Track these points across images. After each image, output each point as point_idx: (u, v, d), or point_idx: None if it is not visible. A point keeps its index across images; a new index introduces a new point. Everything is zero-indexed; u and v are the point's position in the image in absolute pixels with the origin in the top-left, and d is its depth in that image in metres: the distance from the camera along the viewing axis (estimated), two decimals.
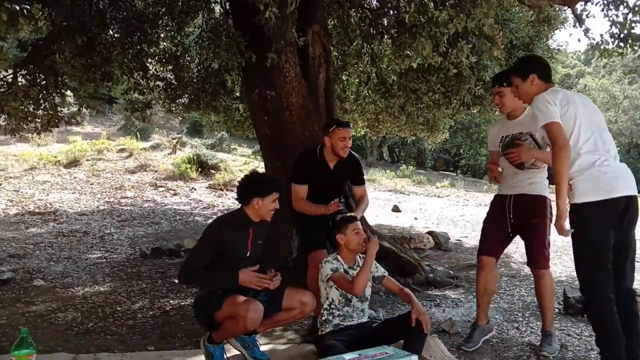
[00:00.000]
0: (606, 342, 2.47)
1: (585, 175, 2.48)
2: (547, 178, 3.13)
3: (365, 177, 3.70)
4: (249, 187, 2.80)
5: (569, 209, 2.52)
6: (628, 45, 3.73)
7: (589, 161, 2.49)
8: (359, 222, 2.95)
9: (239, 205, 2.86)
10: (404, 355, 2.46)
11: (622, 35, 3.70)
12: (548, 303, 3.15)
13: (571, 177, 2.51)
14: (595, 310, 2.51)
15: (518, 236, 3.22)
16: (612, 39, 3.78)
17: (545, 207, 3.10)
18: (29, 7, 3.18)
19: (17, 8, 3.00)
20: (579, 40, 8.65)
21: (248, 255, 2.82)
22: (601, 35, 3.88)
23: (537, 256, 3.11)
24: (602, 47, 3.88)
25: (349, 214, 3.10)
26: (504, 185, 3.21)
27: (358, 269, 2.89)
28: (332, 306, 2.85)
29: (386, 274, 3.01)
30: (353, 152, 3.44)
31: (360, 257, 2.96)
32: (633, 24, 3.63)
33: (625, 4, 3.63)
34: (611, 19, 3.70)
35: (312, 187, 3.38)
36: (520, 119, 3.13)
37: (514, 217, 3.12)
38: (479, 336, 3.19)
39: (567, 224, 2.46)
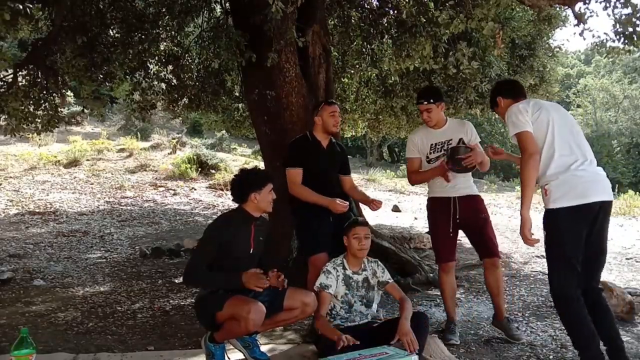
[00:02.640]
0: (582, 342, 2.50)
1: (560, 179, 2.50)
2: None
3: (365, 177, 3.71)
4: (243, 184, 2.81)
5: (543, 214, 2.58)
6: (633, 44, 3.71)
7: (565, 164, 2.52)
8: (362, 228, 2.91)
9: (237, 205, 2.87)
10: (404, 355, 2.47)
11: (627, 33, 3.67)
12: (502, 291, 3.37)
13: (546, 181, 2.55)
14: (567, 312, 2.55)
15: (518, 237, 3.28)
16: (617, 37, 3.76)
17: (484, 203, 3.43)
18: (31, 6, 3.17)
19: (20, 7, 3.00)
20: (584, 39, 8.66)
21: (251, 252, 2.82)
22: (606, 33, 3.85)
23: (493, 246, 3.32)
24: (607, 44, 3.86)
25: (360, 218, 3.11)
26: (441, 188, 3.36)
27: (363, 274, 2.90)
28: (334, 312, 2.85)
29: (391, 280, 2.97)
30: (341, 144, 3.56)
31: (367, 260, 2.95)
32: (638, 21, 3.60)
33: (629, 3, 3.59)
34: (615, 17, 3.68)
35: (309, 171, 3.33)
36: (444, 128, 3.38)
37: (460, 216, 3.30)
38: (458, 330, 3.34)
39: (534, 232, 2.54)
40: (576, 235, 2.48)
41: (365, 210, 4.47)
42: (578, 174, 2.49)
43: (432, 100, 3.29)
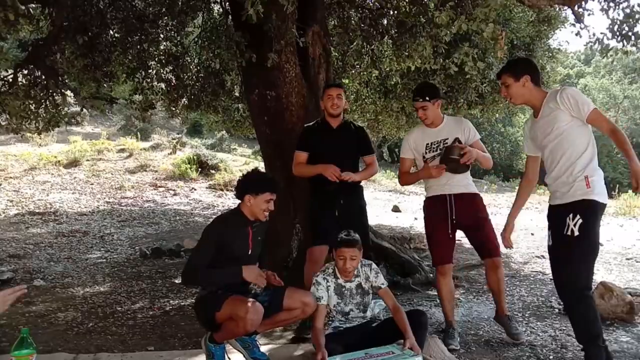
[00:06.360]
0: (591, 337, 2.52)
1: (598, 175, 2.57)
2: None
3: None
4: (244, 183, 2.82)
5: (583, 204, 2.52)
6: (630, 44, 3.71)
7: (597, 164, 2.60)
8: (349, 249, 2.72)
9: (238, 203, 2.88)
10: (409, 355, 2.47)
11: (623, 32, 3.68)
12: (503, 289, 3.33)
13: (588, 174, 2.55)
14: (583, 304, 2.51)
15: (518, 237, 3.27)
16: (614, 37, 3.76)
17: (483, 202, 3.35)
18: (33, 6, 3.19)
19: (23, 7, 3.01)
20: (580, 36, 8.33)
21: (250, 253, 2.82)
22: (603, 33, 3.85)
23: (493, 246, 3.24)
24: (605, 44, 3.85)
25: (351, 237, 2.78)
26: (437, 186, 3.29)
27: (356, 280, 2.85)
28: (330, 315, 2.84)
29: (384, 285, 2.87)
30: (358, 124, 3.66)
31: (360, 264, 2.85)
32: (635, 22, 3.60)
33: (626, 4, 3.60)
34: (611, 17, 3.68)
35: (315, 153, 3.41)
36: (441, 126, 3.30)
37: (456, 216, 3.22)
38: (458, 335, 3.28)
39: None
40: (598, 231, 2.56)
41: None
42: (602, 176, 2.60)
43: (427, 98, 3.21)
